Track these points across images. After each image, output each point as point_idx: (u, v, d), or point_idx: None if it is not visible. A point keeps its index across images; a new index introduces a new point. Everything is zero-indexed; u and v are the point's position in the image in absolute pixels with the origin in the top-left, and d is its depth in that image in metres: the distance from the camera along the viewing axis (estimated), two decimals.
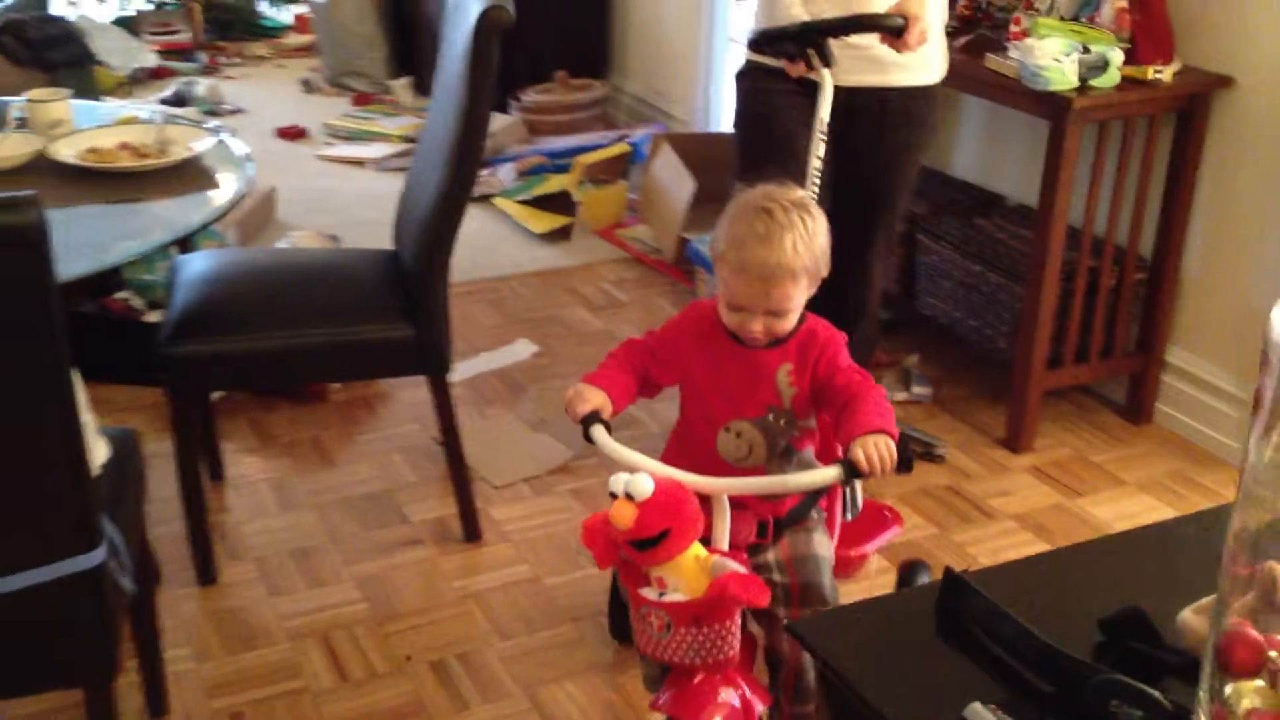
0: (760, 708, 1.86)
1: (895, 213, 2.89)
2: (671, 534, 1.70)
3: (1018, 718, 0.98)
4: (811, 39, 2.53)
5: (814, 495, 2.01)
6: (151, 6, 6.63)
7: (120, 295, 3.55)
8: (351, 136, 5.51)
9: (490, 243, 4.51)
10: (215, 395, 3.21)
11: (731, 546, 1.88)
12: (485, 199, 4.81)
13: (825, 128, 2.52)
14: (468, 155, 2.53)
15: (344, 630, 2.54)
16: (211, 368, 2.54)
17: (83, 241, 2.11)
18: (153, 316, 3.41)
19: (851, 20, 2.54)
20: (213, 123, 3.13)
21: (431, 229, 2.60)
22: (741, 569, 1.75)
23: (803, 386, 1.96)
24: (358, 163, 5.25)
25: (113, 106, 3.17)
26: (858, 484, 2.15)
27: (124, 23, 6.46)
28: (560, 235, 4.56)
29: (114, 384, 3.38)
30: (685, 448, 2.02)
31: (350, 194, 4.89)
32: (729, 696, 1.83)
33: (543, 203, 4.74)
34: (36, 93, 2.59)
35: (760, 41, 2.65)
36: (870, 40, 2.57)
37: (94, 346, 3.31)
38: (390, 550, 2.80)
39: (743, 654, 1.86)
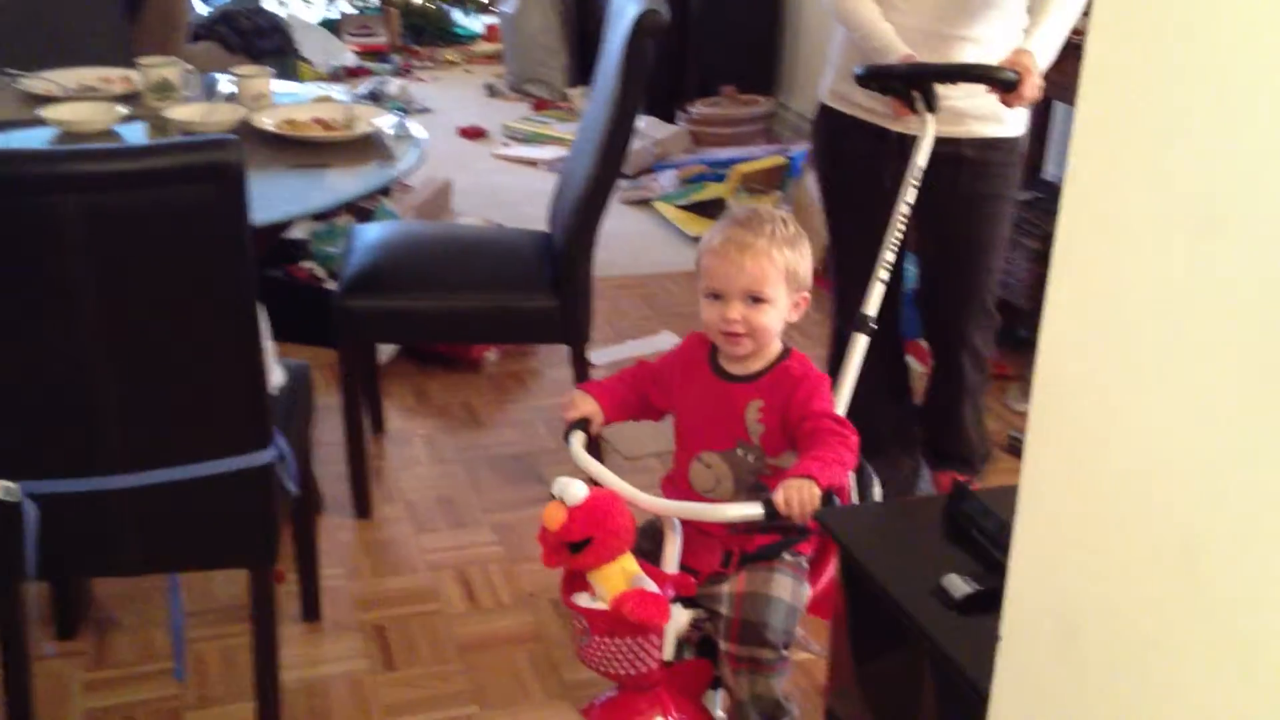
0: None
1: (984, 274, 2.76)
2: (595, 542, 1.76)
3: (983, 584, 1.17)
4: (919, 82, 2.45)
5: (790, 538, 1.98)
6: (354, 10, 7.12)
7: (305, 264, 3.90)
8: (527, 139, 5.85)
9: (647, 243, 4.77)
10: (381, 360, 3.53)
11: (694, 572, 1.92)
12: (645, 202, 5.08)
13: (919, 175, 2.42)
14: (616, 146, 2.78)
15: (477, 566, 2.81)
16: (377, 321, 2.85)
17: (275, 196, 2.43)
18: (332, 285, 3.76)
19: (963, 69, 2.46)
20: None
21: (580, 211, 2.86)
22: (653, 589, 1.78)
23: (771, 424, 1.95)
24: (530, 163, 5.57)
25: (309, 88, 3.53)
26: None
27: (328, 24, 6.96)
28: None
29: (295, 344, 3.73)
30: (673, 474, 2.07)
31: (520, 190, 5.20)
32: (654, 715, 1.88)
33: (699, 208, 4.98)
34: (244, 69, 2.94)
35: (868, 76, 2.51)
36: (948, 90, 2.48)
37: (279, 309, 3.63)
38: (525, 504, 3.06)
39: (693, 680, 1.95)
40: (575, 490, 1.78)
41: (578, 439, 1.97)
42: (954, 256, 2.77)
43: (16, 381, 1.88)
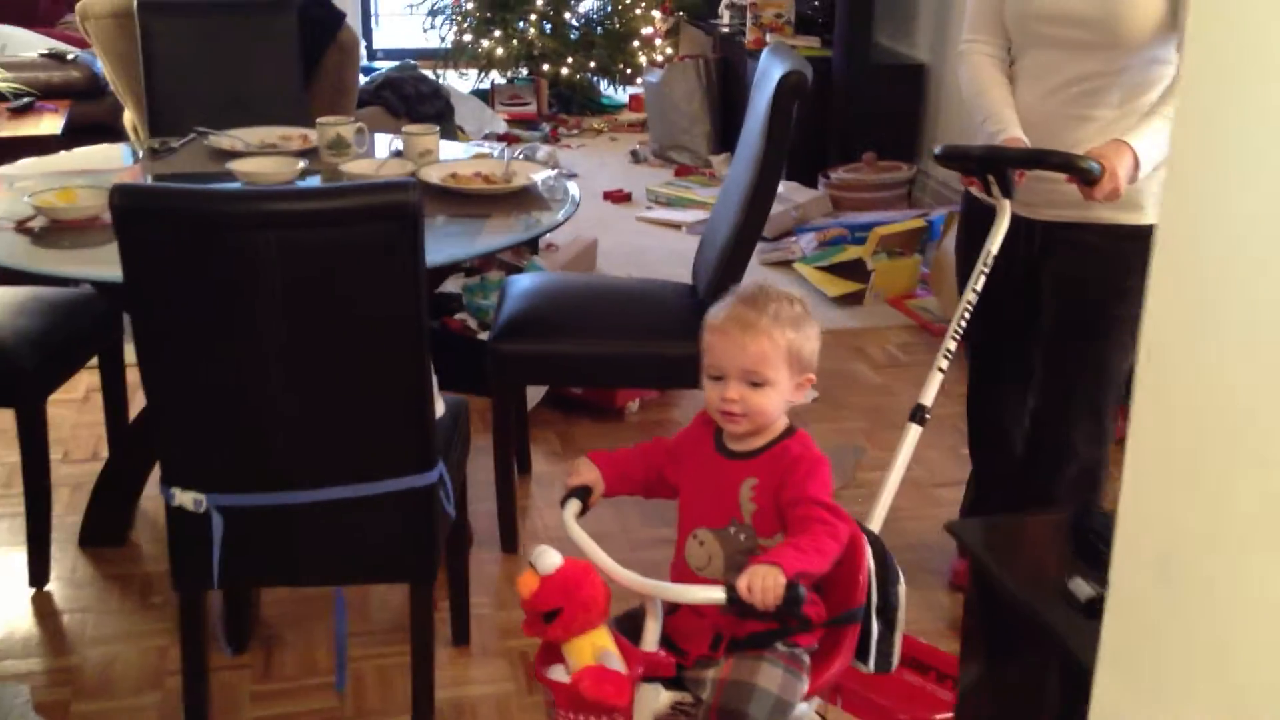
0: None
1: (1103, 373, 2.56)
2: (563, 613, 1.75)
3: (1105, 589, 1.24)
4: (994, 166, 2.36)
5: (787, 626, 1.91)
6: (505, 81, 7.42)
7: (459, 316, 4.09)
8: (670, 202, 6.02)
9: None
10: (530, 406, 3.68)
11: (684, 653, 1.90)
12: (786, 264, 5.19)
13: (990, 260, 2.36)
14: (760, 200, 2.91)
15: (620, 601, 2.91)
16: (528, 363, 3.01)
17: (441, 242, 2.60)
18: (484, 336, 3.94)
19: (1040, 154, 2.34)
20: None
21: (724, 262, 2.99)
22: (618, 667, 1.77)
23: (764, 503, 1.91)
24: (674, 226, 5.73)
25: (470, 146, 3.73)
26: (896, 635, 2.02)
27: (481, 94, 7.26)
28: (852, 300, 4.89)
29: (449, 391, 3.91)
30: (677, 551, 2.03)
31: (663, 251, 5.36)
32: None
33: (838, 269, 5.07)
34: (412, 128, 3.15)
35: (945, 157, 2.46)
36: (1044, 173, 2.38)
37: (435, 358, 3.85)
38: (667, 544, 3.16)
39: None
40: (548, 559, 1.77)
41: (572, 507, 1.94)
42: (1064, 351, 2.59)
43: (209, 401, 2.06)
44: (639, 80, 7.30)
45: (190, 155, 3.17)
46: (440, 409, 2.46)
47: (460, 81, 7.45)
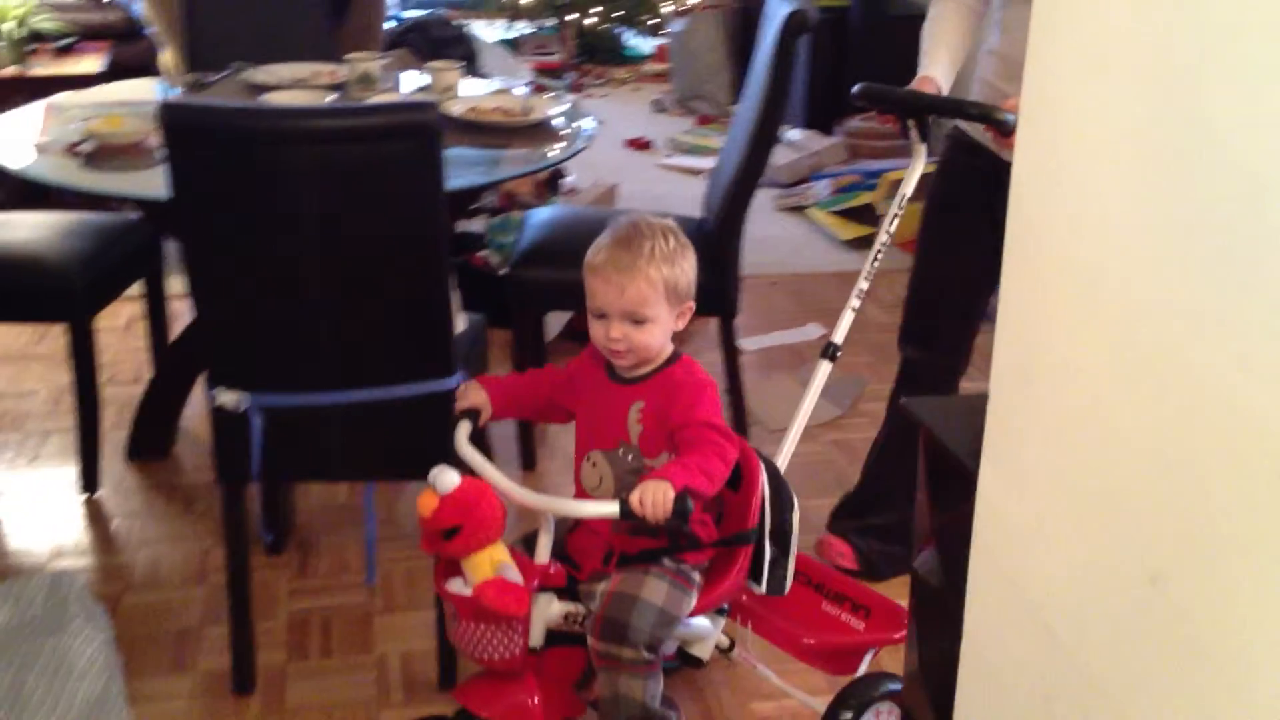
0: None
1: None
2: (463, 530, 1.84)
3: None
4: (913, 111, 2.38)
5: (675, 544, 2.00)
6: (531, 30, 7.56)
7: (482, 253, 4.27)
8: (690, 150, 6.16)
9: (799, 245, 5.04)
10: (548, 338, 3.85)
11: (578, 568, 2.02)
12: (801, 209, 5.34)
13: (904, 203, 2.41)
14: (765, 136, 3.06)
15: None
16: (547, 290, 3.18)
17: (463, 170, 2.78)
18: (505, 271, 4.11)
19: (958, 104, 2.39)
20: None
21: (731, 196, 3.15)
22: (516, 579, 1.86)
23: (649, 425, 1.99)
24: (693, 172, 5.88)
25: (492, 82, 3.89)
26: (789, 560, 2.12)
27: (508, 44, 7.41)
28: (864, 243, 5.03)
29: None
30: (575, 474, 2.11)
31: (681, 197, 5.49)
32: (519, 698, 1.96)
33: (851, 214, 5.22)
34: (436, 63, 3.32)
35: (864, 96, 2.45)
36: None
37: (460, 289, 4.03)
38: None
39: (563, 668, 2.03)
40: (446, 479, 1.85)
41: (463, 429, 2.03)
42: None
43: (248, 307, 2.24)
44: (664, 28, 7.43)
45: (226, 89, 3.34)
46: (461, 325, 2.64)
47: (488, 30, 7.59)
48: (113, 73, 4.55)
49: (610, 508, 1.83)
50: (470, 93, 3.39)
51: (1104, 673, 0.97)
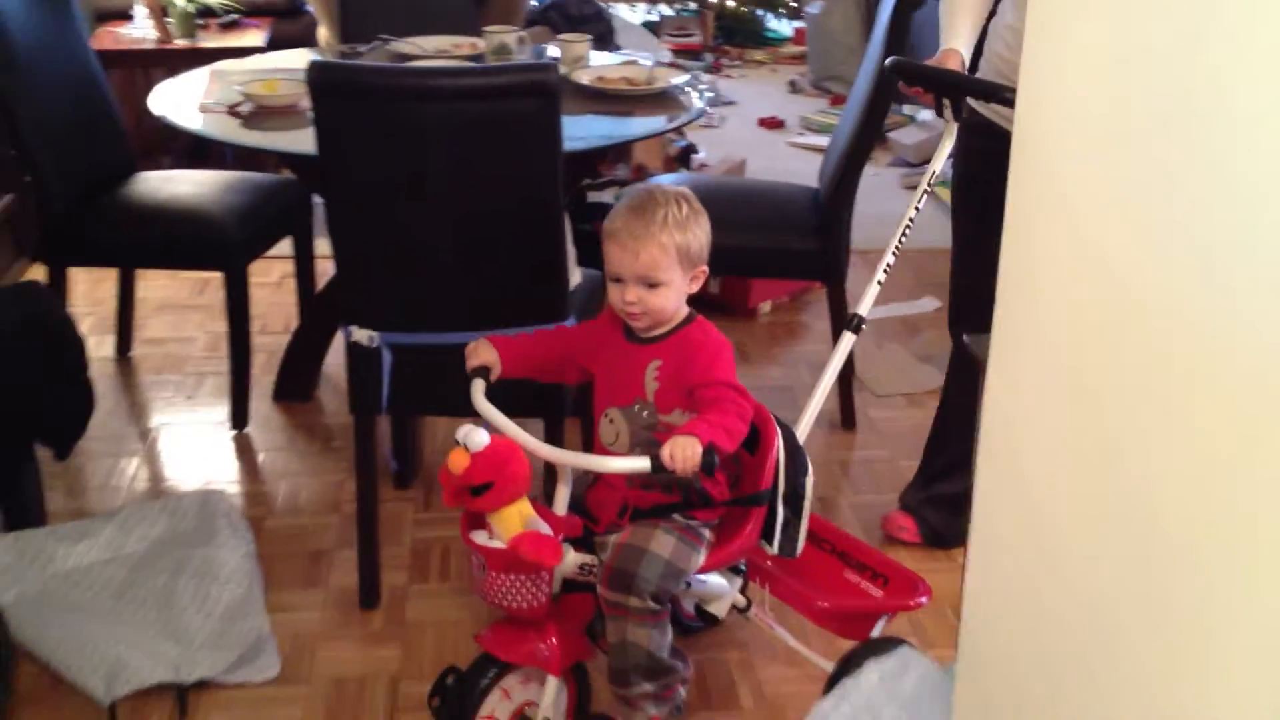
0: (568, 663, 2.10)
1: None
2: (495, 486, 1.90)
3: None
4: (952, 92, 2.40)
5: (686, 500, 2.08)
6: (672, 13, 7.73)
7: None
8: (821, 129, 6.26)
9: (922, 222, 5.09)
10: None
11: (595, 520, 2.11)
12: None
13: (934, 180, 2.49)
14: (877, 107, 3.18)
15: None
16: None
17: (590, 133, 2.96)
18: None
19: (994, 88, 2.34)
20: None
21: (842, 166, 3.28)
22: (546, 531, 1.95)
23: (665, 382, 2.06)
24: (821, 150, 5.96)
25: (622, 54, 4.08)
26: (801, 523, 2.18)
27: (649, 25, 7.59)
28: None
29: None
30: (595, 430, 2.19)
31: (805, 173, 5.55)
32: (539, 647, 2.05)
33: None
34: (567, 36, 3.51)
35: (899, 70, 2.47)
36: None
37: (586, 259, 4.23)
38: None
39: (575, 612, 2.11)
40: (478, 437, 1.91)
41: (478, 386, 2.08)
42: None
43: (382, 252, 2.46)
44: (803, 9, 7.53)
45: (374, 59, 3.58)
46: (577, 279, 2.82)
47: (630, 13, 7.78)
48: (273, 46, 4.84)
49: (642, 462, 1.89)
50: (600, 63, 3.57)
51: (1077, 548, 1.09)
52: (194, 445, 3.34)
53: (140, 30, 5.07)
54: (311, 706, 2.39)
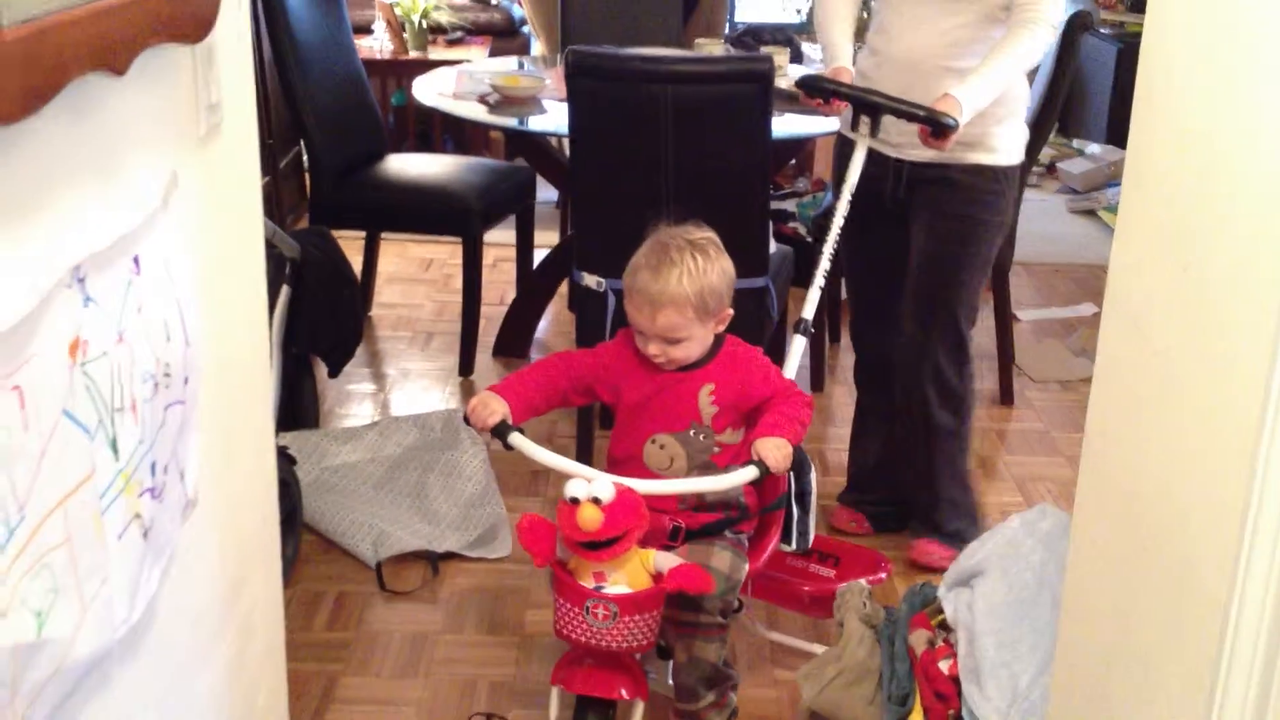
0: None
1: (958, 299, 2.75)
2: (629, 534, 1.87)
3: None
4: (870, 109, 2.53)
5: (730, 517, 2.13)
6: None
7: (791, 225, 4.90)
8: None
9: (1086, 241, 5.45)
10: (843, 296, 4.43)
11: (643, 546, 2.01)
12: (1092, 212, 5.75)
13: (852, 191, 2.55)
14: (1044, 119, 3.56)
15: None
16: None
17: (789, 127, 3.41)
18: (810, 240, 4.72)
19: (910, 109, 2.47)
20: None
21: None
22: (676, 561, 1.94)
23: (724, 404, 2.10)
24: None
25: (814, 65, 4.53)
26: (810, 518, 2.26)
27: None
28: None
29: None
30: (616, 457, 2.18)
31: None
32: (629, 678, 2.01)
33: None
34: (768, 47, 3.98)
35: (812, 86, 2.59)
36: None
37: None
38: None
39: None
40: (605, 487, 1.84)
41: (521, 439, 2.01)
42: (927, 275, 2.75)
43: (613, 208, 2.94)
44: None
45: None
46: (773, 248, 3.27)
47: (812, 50, 8.21)
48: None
49: (750, 472, 1.95)
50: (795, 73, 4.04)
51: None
52: (428, 384, 3.88)
53: (379, 42, 5.72)
54: (538, 580, 2.86)
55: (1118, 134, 6.35)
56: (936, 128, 2.44)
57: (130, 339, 1.21)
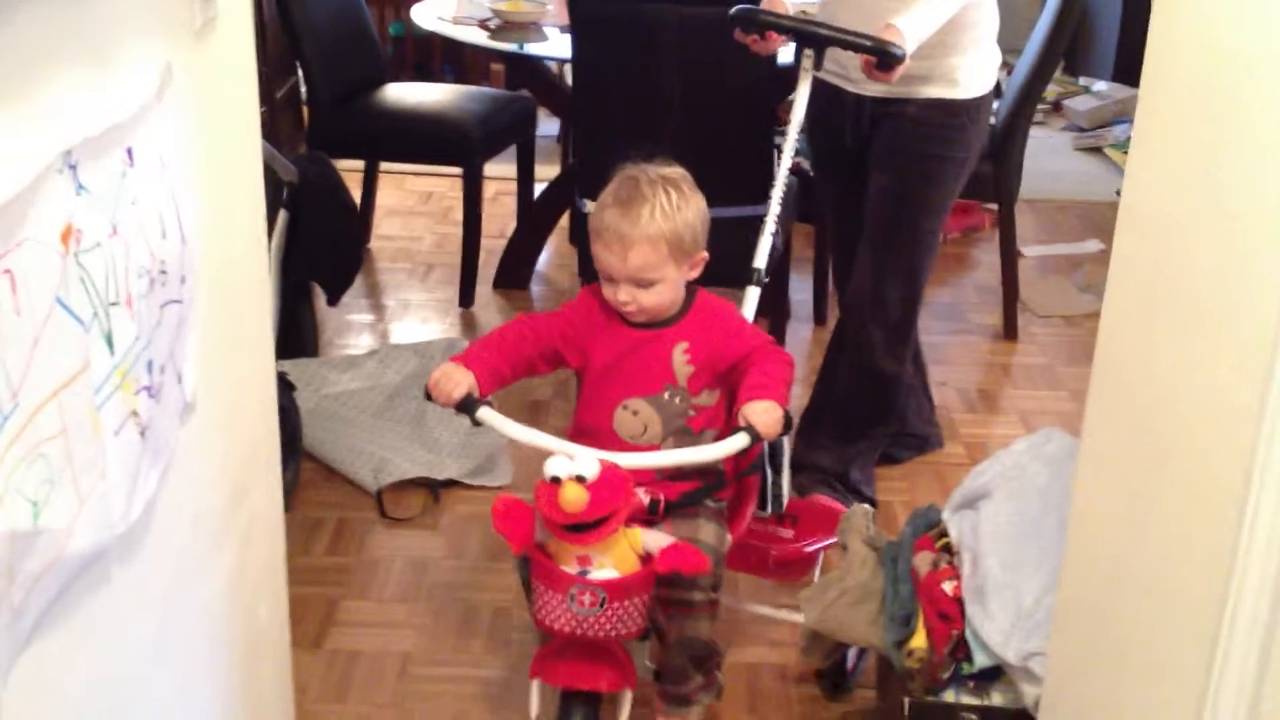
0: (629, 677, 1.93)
1: (914, 240, 2.69)
2: (617, 514, 1.73)
3: None
4: (815, 43, 2.41)
5: (710, 484, 1.98)
6: None
7: (796, 158, 4.85)
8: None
9: (1091, 178, 5.40)
10: None
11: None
12: (1098, 149, 5.69)
13: (799, 127, 2.45)
14: (1050, 55, 3.54)
15: None
16: None
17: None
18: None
19: (856, 39, 2.34)
20: None
21: (1018, 100, 3.63)
22: (671, 539, 1.81)
23: (699, 362, 1.95)
24: None
25: None
26: (784, 479, 2.17)
27: None
28: None
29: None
30: (583, 426, 2.01)
31: None
32: (617, 667, 1.88)
33: None
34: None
35: (746, 19, 2.45)
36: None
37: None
38: (956, 332, 3.87)
39: None
40: (589, 466, 1.70)
41: (490, 413, 1.86)
42: (883, 214, 2.68)
43: (615, 134, 2.89)
44: None
45: None
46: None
47: None
48: None
49: (740, 440, 1.82)
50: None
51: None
52: (428, 315, 3.85)
53: None
54: None
55: (1125, 71, 6.28)
56: (884, 58, 2.32)
57: (124, 232, 1.18)
